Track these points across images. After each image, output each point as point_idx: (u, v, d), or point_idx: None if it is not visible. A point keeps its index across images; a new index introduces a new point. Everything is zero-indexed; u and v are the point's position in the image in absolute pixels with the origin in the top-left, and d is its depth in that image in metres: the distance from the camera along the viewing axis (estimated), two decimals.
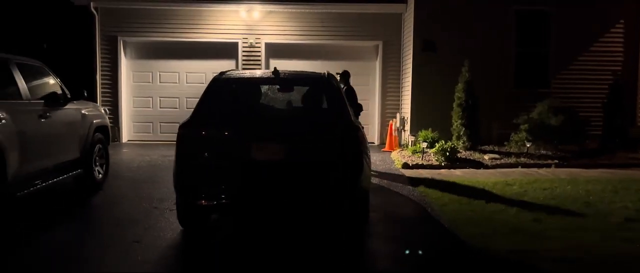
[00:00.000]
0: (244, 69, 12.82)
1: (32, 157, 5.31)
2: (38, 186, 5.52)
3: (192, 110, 4.90)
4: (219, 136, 4.47)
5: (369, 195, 4.90)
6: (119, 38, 12.63)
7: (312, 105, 4.86)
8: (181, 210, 4.87)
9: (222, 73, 5.12)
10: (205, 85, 13.28)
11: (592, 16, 11.38)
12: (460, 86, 10.42)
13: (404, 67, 12.49)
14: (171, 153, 11.32)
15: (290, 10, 12.58)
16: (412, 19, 11.76)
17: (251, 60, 12.82)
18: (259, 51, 12.83)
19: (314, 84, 5.03)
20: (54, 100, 6.01)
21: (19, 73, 5.47)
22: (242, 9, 12.50)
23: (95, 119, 7.07)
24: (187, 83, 13.08)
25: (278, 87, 5.19)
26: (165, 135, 12.91)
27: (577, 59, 11.52)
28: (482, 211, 5.98)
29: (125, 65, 12.92)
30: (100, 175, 7.20)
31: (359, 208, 4.68)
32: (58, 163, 6.02)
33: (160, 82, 13.03)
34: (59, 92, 6.31)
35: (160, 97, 13.06)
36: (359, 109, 8.10)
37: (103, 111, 7.56)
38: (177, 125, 14.32)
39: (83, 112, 6.74)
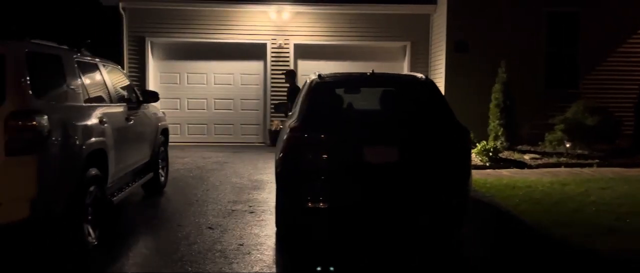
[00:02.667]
0: (273, 70, 12.81)
1: (122, 160, 5.26)
2: (126, 190, 5.46)
3: (296, 113, 4.89)
4: (331, 139, 4.48)
5: None
6: (146, 39, 12.51)
7: (416, 107, 4.90)
8: (284, 213, 4.86)
9: (320, 75, 5.12)
10: (233, 86, 13.35)
11: (620, 16, 11.60)
12: (497, 86, 10.56)
13: (432, 68, 12.59)
14: (207, 155, 11.34)
15: (319, 10, 12.60)
16: (442, 20, 11.87)
17: (280, 61, 12.80)
18: (288, 52, 12.81)
19: (416, 86, 5.07)
20: (133, 103, 5.96)
21: (107, 75, 5.41)
22: (271, 10, 12.47)
23: (161, 121, 7.02)
24: (215, 84, 13.01)
25: (378, 88, 5.22)
26: (193, 137, 12.83)
27: (606, 60, 11.74)
28: (557, 211, 6.08)
29: (152, 66, 12.81)
30: (162, 178, 7.15)
31: (465, 210, 4.73)
32: (137, 167, 5.97)
33: (188, 84, 12.93)
34: (133, 94, 6.25)
35: (188, 99, 12.97)
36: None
37: (163, 113, 7.50)
38: (205, 126, 14.32)
39: (152, 114, 6.68)
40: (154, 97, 6.38)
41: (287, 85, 10.12)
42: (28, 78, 3.68)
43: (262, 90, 13.06)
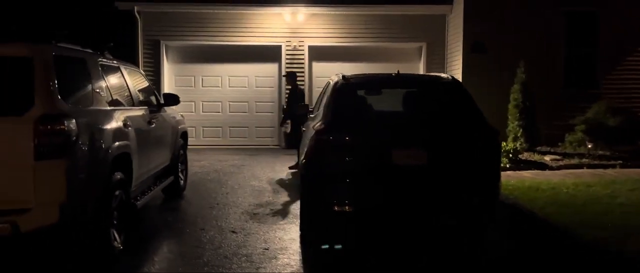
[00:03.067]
0: (287, 71, 12.74)
1: (145, 164, 5.21)
2: (149, 194, 5.42)
3: (320, 114, 4.82)
4: (359, 142, 4.40)
5: None
6: (161, 42, 12.52)
7: (444, 108, 4.80)
8: (309, 216, 4.79)
9: (344, 76, 5.05)
10: (247, 89, 13.28)
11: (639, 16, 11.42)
12: (516, 87, 10.42)
13: (449, 68, 12.47)
14: (223, 158, 11.28)
15: (334, 12, 12.53)
16: (459, 20, 11.75)
17: (295, 63, 12.74)
18: (303, 54, 12.76)
19: (442, 87, 4.98)
20: (154, 106, 5.93)
21: (129, 78, 5.38)
22: (286, 12, 12.43)
23: (180, 124, 6.99)
24: (229, 87, 12.99)
25: (401, 89, 5.14)
26: (208, 140, 12.81)
27: (627, 59, 11.55)
28: (585, 213, 5.95)
29: (167, 69, 12.81)
30: (182, 181, 7.11)
31: (493, 213, 4.64)
32: (158, 170, 5.93)
33: (202, 86, 12.92)
34: (154, 97, 6.22)
35: (203, 102, 12.95)
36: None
37: (181, 116, 7.46)
38: (220, 129, 14.24)
39: (171, 117, 6.64)
40: (174, 100, 6.33)
41: (289, 87, 9.91)
42: (56, 81, 3.64)
43: (277, 93, 13.01)
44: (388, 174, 4.39)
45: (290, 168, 9.39)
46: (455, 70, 11.89)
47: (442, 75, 5.16)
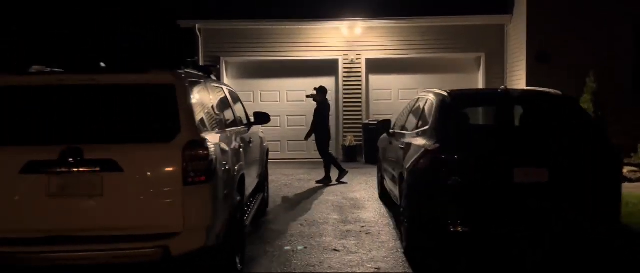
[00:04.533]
0: (345, 85, 12.81)
1: (250, 182, 5.29)
2: (251, 212, 5.48)
3: (427, 132, 4.79)
4: (476, 160, 4.36)
5: None
6: (221, 58, 12.73)
7: (561, 124, 4.72)
8: (420, 236, 4.75)
9: (450, 92, 5.01)
10: (305, 103, 13.33)
11: None
12: (586, 97, 10.17)
13: (510, 79, 12.29)
14: (286, 172, 11.32)
15: (391, 24, 12.54)
16: (520, 30, 11.60)
17: (352, 77, 12.79)
18: (360, 67, 12.79)
19: (554, 102, 4.90)
20: (247, 124, 6.01)
21: (230, 98, 5.47)
22: (343, 26, 12.49)
23: (265, 141, 7.07)
24: (287, 101, 13.10)
25: (508, 105, 5.07)
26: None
27: None
28: None
29: (227, 84, 12.99)
30: (267, 195, 7.18)
31: (615, 232, 4.51)
32: (254, 188, 6.00)
33: (261, 101, 13.06)
34: (246, 115, 6.31)
35: None
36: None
37: (263, 133, 7.55)
38: (279, 143, 14.34)
39: (259, 134, 6.73)
40: (265, 118, 6.40)
41: (318, 101, 9.82)
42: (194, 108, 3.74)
43: (334, 106, 13.01)
44: (507, 193, 4.32)
45: (337, 180, 9.57)
46: (518, 80, 11.71)
47: (550, 90, 5.08)
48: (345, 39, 12.64)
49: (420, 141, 4.97)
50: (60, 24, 15.68)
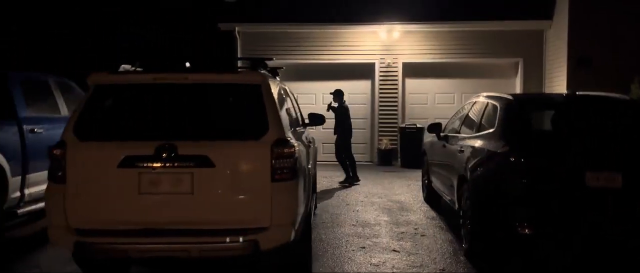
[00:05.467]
0: (381, 89, 12.86)
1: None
2: (311, 210, 5.56)
3: (494, 136, 4.81)
4: (548, 164, 4.37)
5: None
6: None
7: (628, 128, 4.70)
8: (487, 237, 4.77)
9: (516, 96, 5.03)
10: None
11: None
12: None
13: (549, 84, 12.21)
14: (324, 174, 11.35)
15: (428, 29, 12.56)
16: (560, 35, 11.53)
17: (388, 80, 12.83)
18: (396, 71, 12.83)
19: (624, 107, 4.88)
20: (304, 125, 6.10)
21: (292, 98, 5.57)
22: (381, 30, 12.55)
23: (314, 143, 7.14)
24: (323, 104, 13.11)
25: (576, 109, 5.06)
26: None
27: None
28: None
29: None
30: (315, 195, 7.25)
31: None
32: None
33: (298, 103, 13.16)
34: (301, 115, 6.41)
35: None
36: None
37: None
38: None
39: (311, 135, 6.81)
40: (320, 120, 6.48)
41: (336, 104, 10.18)
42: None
43: (370, 109, 13.11)
44: (578, 197, 4.32)
45: (340, 183, 9.81)
46: (558, 85, 11.63)
47: (617, 95, 5.07)
48: (382, 43, 12.70)
49: (485, 144, 4.99)
50: (60, 24, 15.90)
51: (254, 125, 3.64)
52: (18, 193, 5.52)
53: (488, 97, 5.69)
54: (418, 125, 12.38)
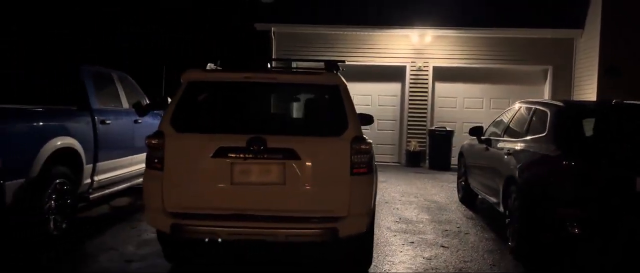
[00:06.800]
0: (411, 91, 13.12)
1: None
2: None
3: (545, 140, 5.07)
4: (598, 166, 4.62)
5: None
6: (292, 61, 13.21)
7: None
8: (535, 238, 5.03)
9: (566, 102, 5.28)
10: (370, 107, 13.68)
11: None
12: None
13: (577, 92, 12.40)
14: None
15: (460, 34, 12.80)
16: (591, 44, 11.72)
17: (418, 83, 13.09)
18: (427, 75, 13.09)
19: None
20: None
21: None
22: (414, 34, 12.82)
23: None
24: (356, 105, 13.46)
25: (624, 116, 5.30)
26: None
27: None
28: None
29: None
30: None
31: None
32: None
33: None
34: None
35: None
36: None
37: None
38: None
39: None
40: (369, 120, 6.74)
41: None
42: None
43: (399, 111, 13.39)
44: (630, 202, 4.57)
45: None
46: (587, 94, 11.82)
47: None
48: (413, 47, 12.97)
49: (536, 147, 5.26)
50: (60, 24, 16.17)
51: (334, 122, 3.96)
52: (89, 180, 5.89)
53: (534, 102, 5.94)
54: (448, 128, 12.64)
